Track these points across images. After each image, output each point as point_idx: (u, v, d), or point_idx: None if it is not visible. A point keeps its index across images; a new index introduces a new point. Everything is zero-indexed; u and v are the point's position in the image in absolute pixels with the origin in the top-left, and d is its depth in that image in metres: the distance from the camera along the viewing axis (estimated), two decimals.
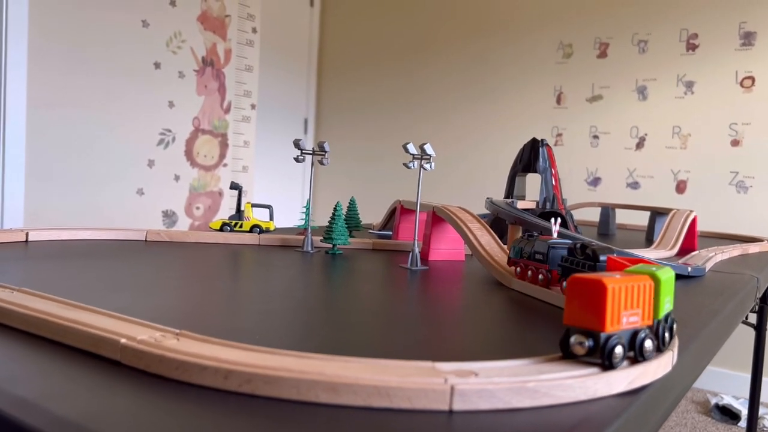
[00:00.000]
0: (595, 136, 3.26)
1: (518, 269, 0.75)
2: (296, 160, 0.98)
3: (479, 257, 0.83)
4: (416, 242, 0.87)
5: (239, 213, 1.11)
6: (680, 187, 3.03)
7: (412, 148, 0.87)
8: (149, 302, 0.57)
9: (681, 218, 1.34)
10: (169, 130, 2.64)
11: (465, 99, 3.67)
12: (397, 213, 1.13)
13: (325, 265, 0.87)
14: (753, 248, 1.37)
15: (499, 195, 3.54)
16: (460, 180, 3.65)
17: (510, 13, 3.51)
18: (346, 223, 1.10)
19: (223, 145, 2.89)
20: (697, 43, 2.96)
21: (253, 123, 3.06)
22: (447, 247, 0.97)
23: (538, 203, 1.28)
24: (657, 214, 1.58)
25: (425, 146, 0.84)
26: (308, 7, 3.94)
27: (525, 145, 1.34)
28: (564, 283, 0.67)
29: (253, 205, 1.13)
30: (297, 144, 0.97)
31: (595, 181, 3.26)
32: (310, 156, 0.99)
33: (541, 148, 1.30)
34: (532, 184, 2.28)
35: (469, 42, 3.65)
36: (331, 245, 0.98)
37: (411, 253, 0.87)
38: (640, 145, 3.14)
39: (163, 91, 2.60)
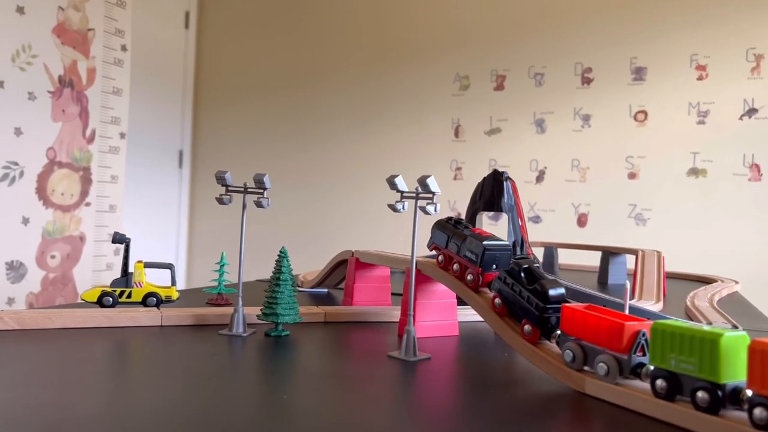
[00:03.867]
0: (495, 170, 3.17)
1: (441, 257, 0.70)
2: (219, 201, 0.68)
3: (523, 350, 0.57)
4: (412, 318, 0.59)
5: (126, 277, 0.77)
6: (581, 221, 2.99)
7: (402, 184, 0.60)
8: None
9: (654, 262, 1.18)
10: (16, 163, 2.15)
11: (358, 131, 3.45)
12: (350, 269, 0.85)
13: (271, 364, 0.57)
14: (724, 290, 1.23)
15: (404, 236, 3.32)
16: (351, 218, 3.40)
17: (405, 42, 3.37)
18: None
19: (86, 181, 2.42)
20: (592, 77, 2.98)
21: (123, 154, 2.62)
22: (436, 319, 0.70)
23: None
24: (610, 254, 1.42)
25: (428, 180, 0.58)
26: (183, 29, 3.56)
27: (485, 178, 1.12)
28: (498, 301, 0.59)
29: (147, 265, 0.80)
30: (222, 178, 0.67)
31: (496, 216, 3.15)
32: (242, 195, 0.68)
33: (504, 183, 1.09)
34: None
35: (362, 71, 3.45)
36: (273, 323, 0.67)
37: (405, 336, 0.59)
38: (540, 178, 3.08)
39: (8, 115, 2.12)
